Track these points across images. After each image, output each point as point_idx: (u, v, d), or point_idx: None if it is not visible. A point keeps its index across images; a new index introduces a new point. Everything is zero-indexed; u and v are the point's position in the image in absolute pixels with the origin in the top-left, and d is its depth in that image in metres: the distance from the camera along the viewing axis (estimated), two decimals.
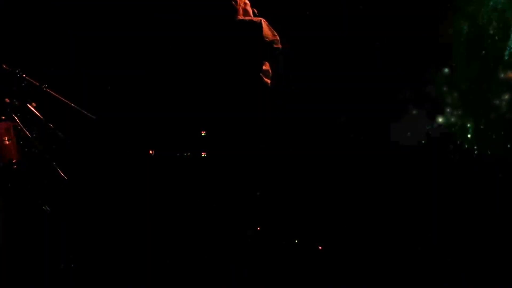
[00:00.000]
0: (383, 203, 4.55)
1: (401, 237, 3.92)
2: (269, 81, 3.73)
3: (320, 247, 3.75)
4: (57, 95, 4.02)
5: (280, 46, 3.71)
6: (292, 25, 4.88)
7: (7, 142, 3.84)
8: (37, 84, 3.97)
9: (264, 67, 3.72)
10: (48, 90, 4.00)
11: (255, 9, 3.86)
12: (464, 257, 3.55)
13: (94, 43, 4.95)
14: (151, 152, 4.82)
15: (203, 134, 4.20)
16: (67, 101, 4.05)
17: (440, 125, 5.51)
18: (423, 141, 5.45)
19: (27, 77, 3.94)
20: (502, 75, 5.34)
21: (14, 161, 3.82)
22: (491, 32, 5.32)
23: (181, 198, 4.37)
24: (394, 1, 5.12)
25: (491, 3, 5.28)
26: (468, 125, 5.53)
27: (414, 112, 5.45)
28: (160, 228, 4.02)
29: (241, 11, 3.74)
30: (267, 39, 3.66)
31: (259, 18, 3.70)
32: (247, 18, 3.74)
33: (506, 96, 5.33)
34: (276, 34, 3.72)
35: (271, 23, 3.74)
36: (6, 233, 3.62)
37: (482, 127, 5.47)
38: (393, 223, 4.20)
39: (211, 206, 3.81)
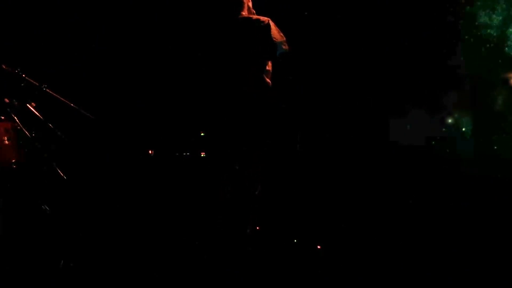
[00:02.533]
0: (382, 203, 4.56)
1: (400, 237, 3.91)
2: (269, 81, 3.70)
3: (319, 247, 3.75)
4: (56, 95, 4.02)
5: (288, 47, 3.66)
6: (293, 26, 4.90)
7: (6, 142, 3.84)
8: (37, 84, 3.97)
9: (267, 67, 3.68)
10: (48, 90, 4.00)
11: (253, 10, 3.84)
12: (462, 257, 3.54)
13: (93, 44, 4.96)
14: (150, 152, 4.82)
15: (202, 134, 4.19)
16: (66, 101, 4.05)
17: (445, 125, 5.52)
18: (433, 142, 5.45)
19: (26, 77, 3.94)
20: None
21: (13, 161, 3.82)
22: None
23: (181, 198, 4.38)
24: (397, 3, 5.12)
25: None
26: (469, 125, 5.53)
27: (417, 113, 5.45)
28: (160, 227, 4.02)
29: (245, 7, 3.71)
30: (275, 40, 3.59)
31: (267, 18, 3.64)
32: (254, 16, 3.68)
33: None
34: (283, 35, 3.66)
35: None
36: (6, 233, 3.62)
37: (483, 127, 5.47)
38: (392, 223, 4.20)
39: (210, 205, 3.80)
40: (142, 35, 4.99)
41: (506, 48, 5.30)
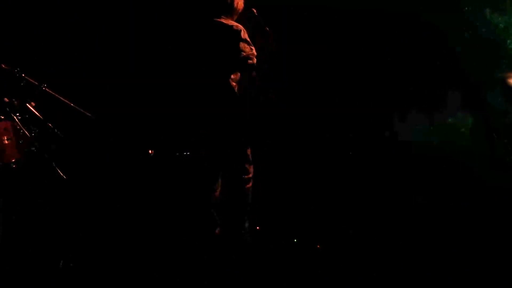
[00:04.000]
0: (382, 203, 4.55)
1: (400, 237, 3.91)
2: (235, 84, 3.70)
3: (318, 246, 3.74)
4: (56, 95, 4.02)
5: (254, 61, 3.67)
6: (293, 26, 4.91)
7: (6, 142, 3.84)
8: (36, 83, 3.97)
9: (233, 75, 3.70)
10: (47, 90, 4.00)
11: (254, 9, 3.84)
12: (462, 257, 3.54)
13: (92, 43, 4.96)
14: (150, 152, 4.82)
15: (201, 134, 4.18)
16: (66, 101, 4.05)
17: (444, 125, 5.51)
18: (434, 142, 5.43)
19: (26, 77, 3.94)
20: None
21: (13, 160, 3.82)
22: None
23: (181, 198, 4.38)
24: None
25: None
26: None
27: (417, 112, 5.45)
28: (160, 227, 4.02)
29: (234, 11, 3.73)
30: (243, 53, 3.61)
31: (240, 27, 3.66)
32: (229, 22, 3.70)
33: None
34: (253, 48, 3.68)
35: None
36: (6, 233, 3.62)
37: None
38: (392, 223, 4.20)
39: (210, 205, 3.81)
40: (141, 34, 4.99)
41: (508, 47, 5.29)
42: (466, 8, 5.29)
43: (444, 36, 5.24)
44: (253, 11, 3.82)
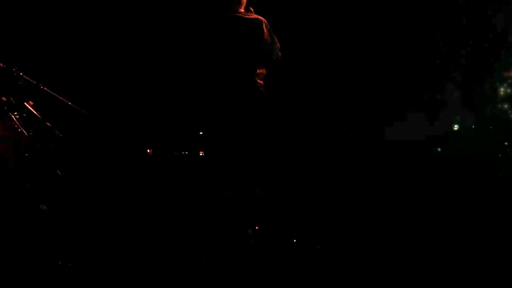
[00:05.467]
0: (382, 203, 4.55)
1: (400, 237, 3.91)
2: (262, 83, 3.69)
3: (318, 247, 3.74)
4: (54, 94, 4.00)
5: (280, 53, 3.65)
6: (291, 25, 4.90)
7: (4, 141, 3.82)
8: (34, 82, 3.95)
9: (259, 71, 3.67)
10: (45, 89, 3.98)
11: (251, 8, 3.82)
12: (462, 257, 3.54)
13: (91, 42, 4.95)
14: (149, 151, 4.81)
15: (200, 133, 4.19)
16: (64, 100, 4.03)
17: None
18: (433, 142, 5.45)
19: (24, 76, 3.92)
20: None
21: (11, 160, 3.80)
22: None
23: (180, 197, 4.37)
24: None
25: None
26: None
27: (416, 112, 5.45)
28: (159, 227, 4.01)
29: (243, 4, 3.70)
30: (267, 45, 3.58)
31: (262, 19, 3.62)
32: (250, 15, 3.67)
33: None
34: (277, 41, 3.64)
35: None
36: (5, 233, 3.60)
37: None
38: (392, 223, 4.20)
39: (210, 205, 3.80)
40: (140, 33, 4.98)
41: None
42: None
43: (444, 35, 5.25)
44: (250, 10, 3.81)
